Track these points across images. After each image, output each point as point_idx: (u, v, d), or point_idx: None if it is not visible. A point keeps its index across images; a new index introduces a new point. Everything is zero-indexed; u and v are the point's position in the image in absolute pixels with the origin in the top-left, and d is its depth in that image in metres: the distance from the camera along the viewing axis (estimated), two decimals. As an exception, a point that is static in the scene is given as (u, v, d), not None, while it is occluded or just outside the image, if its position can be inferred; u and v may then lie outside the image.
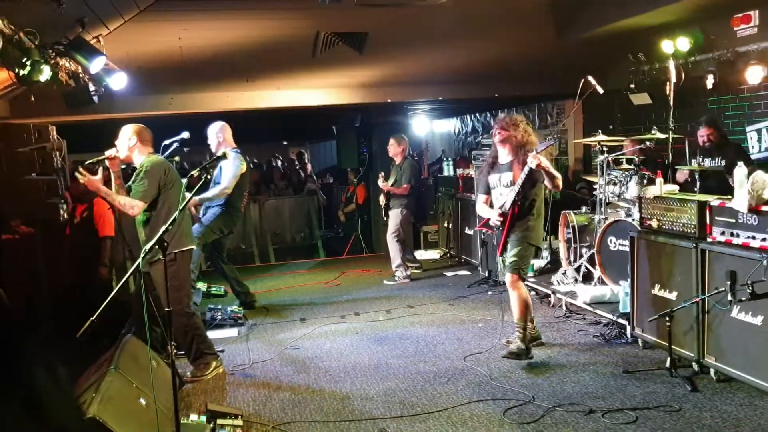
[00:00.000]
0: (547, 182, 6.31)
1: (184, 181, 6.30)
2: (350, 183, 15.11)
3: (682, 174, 8.30)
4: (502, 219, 6.46)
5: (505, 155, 6.60)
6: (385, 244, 11.46)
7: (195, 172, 4.97)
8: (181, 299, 6.06)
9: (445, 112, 18.28)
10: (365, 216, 13.87)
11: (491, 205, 6.69)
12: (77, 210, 8.21)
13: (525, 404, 5.45)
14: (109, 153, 6.15)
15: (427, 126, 19.22)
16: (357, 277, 11.03)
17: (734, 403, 5.23)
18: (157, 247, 4.30)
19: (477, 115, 17.78)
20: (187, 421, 4.79)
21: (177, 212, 4.60)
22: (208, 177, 4.82)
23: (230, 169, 8.22)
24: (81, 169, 5.99)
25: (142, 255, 4.39)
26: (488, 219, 6.62)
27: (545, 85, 11.66)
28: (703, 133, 8.44)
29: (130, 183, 6.20)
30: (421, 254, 12.22)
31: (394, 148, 10.60)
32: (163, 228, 4.39)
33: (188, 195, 4.94)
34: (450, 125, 19.59)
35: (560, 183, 6.34)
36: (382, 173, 10.83)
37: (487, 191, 6.74)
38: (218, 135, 8.46)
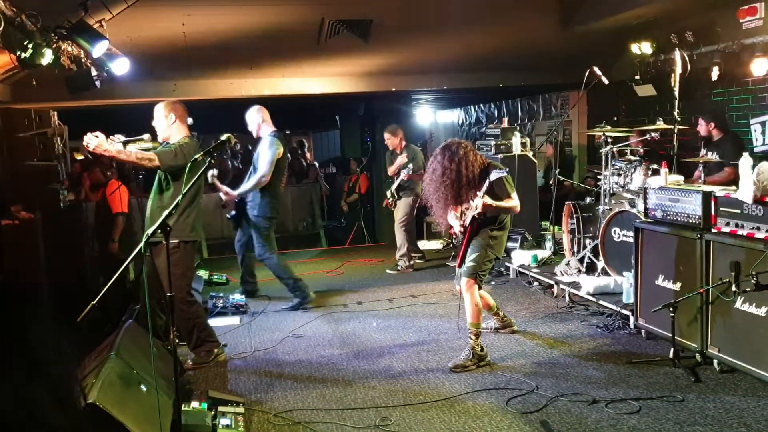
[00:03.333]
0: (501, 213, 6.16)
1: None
2: (353, 172, 15.08)
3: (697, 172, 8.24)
4: (462, 230, 6.31)
5: (463, 189, 6.15)
6: (388, 233, 11.45)
7: (198, 156, 4.94)
8: (182, 287, 6.03)
9: (449, 103, 18.24)
10: (368, 206, 13.85)
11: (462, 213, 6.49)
12: (98, 194, 8.26)
13: (528, 394, 5.43)
14: (137, 139, 6.09)
15: (430, 116, 19.19)
16: (359, 267, 11.01)
17: (737, 394, 5.21)
18: (159, 231, 4.26)
19: (481, 105, 17.74)
20: (188, 408, 4.77)
21: (179, 197, 4.55)
22: (212, 161, 4.76)
23: (266, 155, 8.15)
24: (88, 135, 5.80)
25: (143, 240, 4.36)
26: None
27: (550, 76, 11.63)
28: (699, 126, 8.43)
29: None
30: (424, 244, 12.19)
31: (392, 141, 10.46)
32: (166, 212, 4.36)
33: (191, 180, 4.90)
34: (454, 116, 19.54)
35: (518, 208, 6.16)
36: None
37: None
38: (257, 117, 8.41)
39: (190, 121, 7.04)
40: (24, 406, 0.80)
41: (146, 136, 6.17)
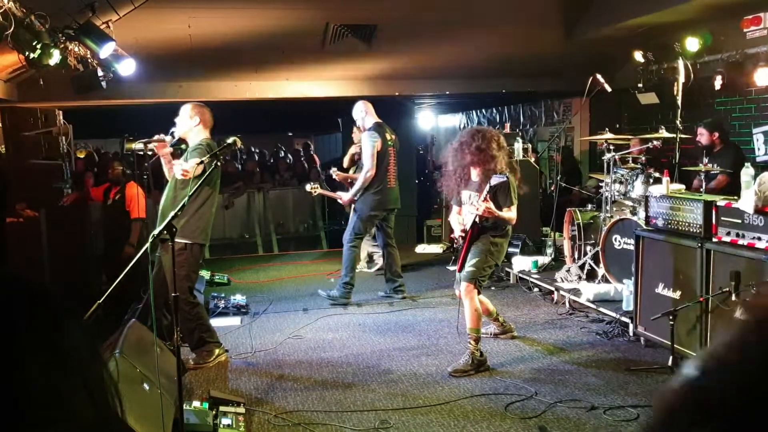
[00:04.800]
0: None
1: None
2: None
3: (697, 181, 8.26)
4: (463, 235, 6.33)
5: (475, 174, 6.33)
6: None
7: (205, 159, 4.98)
8: (184, 289, 6.06)
9: (452, 107, 18.26)
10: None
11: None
12: (111, 192, 8.29)
13: (527, 399, 5.45)
14: (158, 137, 6.12)
15: (432, 120, 19.21)
16: (359, 269, 11.00)
17: (736, 403, 5.22)
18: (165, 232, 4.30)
19: (483, 110, 17.77)
20: (189, 408, 4.80)
21: (185, 199, 4.58)
22: (219, 164, 4.81)
23: (366, 149, 8.33)
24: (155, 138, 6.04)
25: (150, 239, 4.39)
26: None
27: (553, 82, 11.66)
28: (698, 134, 8.46)
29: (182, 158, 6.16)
30: (423, 248, 12.22)
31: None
32: (172, 213, 4.40)
33: (197, 182, 4.93)
34: (456, 120, 19.57)
35: (513, 221, 6.20)
36: (334, 168, 9.89)
37: (461, 204, 6.51)
38: (362, 111, 8.59)
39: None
40: (57, 400, 0.83)
41: (168, 138, 6.19)
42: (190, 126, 6.18)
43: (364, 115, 8.57)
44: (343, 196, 8.62)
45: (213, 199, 6.25)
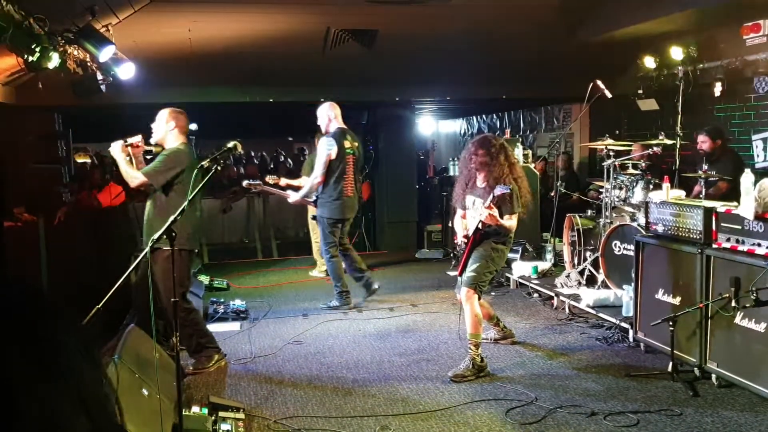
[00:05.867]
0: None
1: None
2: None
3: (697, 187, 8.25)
4: (465, 240, 6.34)
5: (480, 180, 6.35)
6: (389, 241, 11.52)
7: (205, 163, 4.97)
8: (179, 295, 6.03)
9: (452, 113, 18.28)
10: (369, 213, 13.85)
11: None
12: (114, 191, 8.30)
13: (527, 405, 5.44)
14: (132, 140, 6.12)
15: (433, 126, 19.22)
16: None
17: (735, 409, 5.22)
18: (165, 237, 4.29)
19: (483, 116, 17.79)
20: (189, 413, 4.79)
21: (185, 203, 4.57)
22: (218, 168, 4.79)
23: (320, 155, 8.24)
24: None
25: (149, 245, 4.38)
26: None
27: (553, 88, 11.68)
28: (699, 141, 8.45)
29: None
30: (424, 253, 12.21)
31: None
32: (171, 218, 4.38)
33: (197, 187, 4.92)
34: (456, 126, 19.59)
35: (512, 230, 6.23)
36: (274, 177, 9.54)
37: (465, 208, 6.52)
38: (328, 115, 8.42)
39: (194, 126, 7.08)
40: (52, 411, 0.81)
41: (132, 140, 6.20)
42: (167, 130, 6.19)
43: (328, 120, 8.40)
44: (292, 196, 8.53)
45: (196, 203, 6.22)
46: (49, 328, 0.86)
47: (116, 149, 6.01)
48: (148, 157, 6.34)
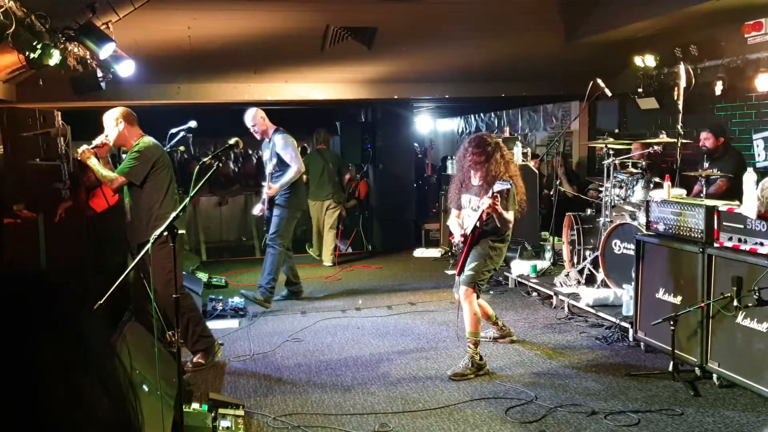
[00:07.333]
0: (496, 220, 6.12)
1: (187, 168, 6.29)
2: (352, 179, 15.08)
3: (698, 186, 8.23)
4: (463, 239, 6.31)
5: (476, 178, 6.31)
6: (386, 239, 11.50)
7: (207, 160, 4.95)
8: (170, 282, 6.04)
9: (450, 111, 18.28)
10: (366, 212, 13.84)
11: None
12: (108, 193, 8.26)
13: (527, 404, 5.43)
14: (97, 141, 6.12)
15: (431, 124, 19.22)
16: (357, 273, 11.00)
17: (737, 409, 5.22)
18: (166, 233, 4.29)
19: (482, 114, 17.78)
20: (188, 409, 4.78)
21: (187, 199, 4.57)
22: (220, 165, 4.79)
23: (290, 149, 8.38)
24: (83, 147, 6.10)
25: (151, 241, 4.37)
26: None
27: (552, 86, 11.66)
28: (702, 138, 8.45)
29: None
30: (422, 252, 12.20)
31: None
32: (174, 214, 4.38)
33: (199, 184, 4.91)
34: (454, 124, 19.59)
35: (510, 224, 6.21)
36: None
37: (460, 207, 6.49)
38: (261, 116, 8.50)
39: (193, 124, 7.06)
40: (76, 397, 0.85)
41: (97, 141, 6.21)
42: (118, 130, 6.16)
43: (263, 121, 8.50)
44: (272, 188, 8.54)
45: (171, 195, 6.27)
46: (73, 318, 0.91)
47: (88, 155, 6.05)
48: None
